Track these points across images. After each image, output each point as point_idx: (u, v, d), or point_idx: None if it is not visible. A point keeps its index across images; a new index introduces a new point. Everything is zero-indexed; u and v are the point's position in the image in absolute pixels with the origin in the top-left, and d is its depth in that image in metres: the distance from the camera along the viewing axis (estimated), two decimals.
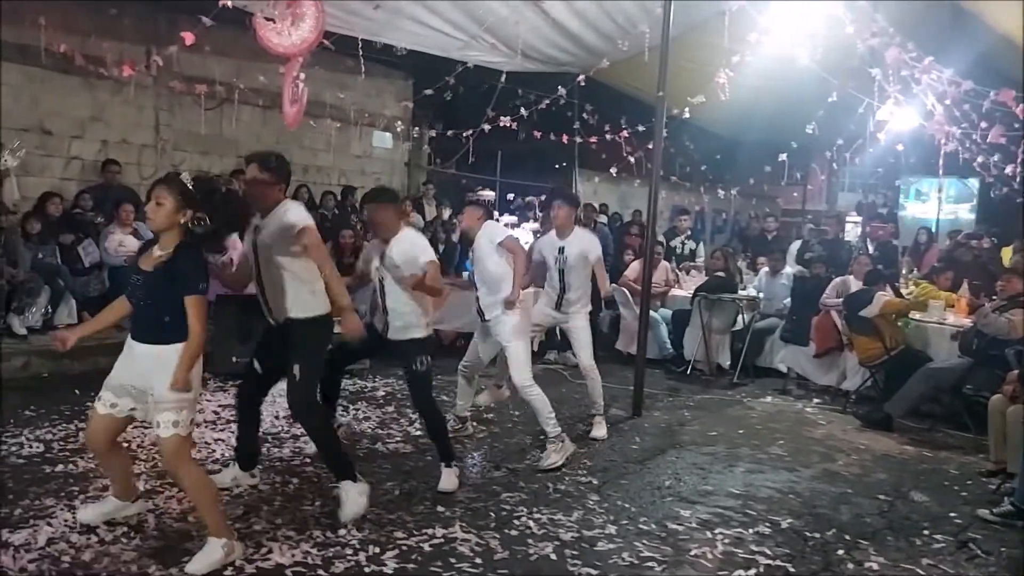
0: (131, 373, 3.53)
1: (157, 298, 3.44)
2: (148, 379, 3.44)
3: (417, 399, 4.81)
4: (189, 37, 6.01)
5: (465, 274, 9.54)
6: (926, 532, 4.46)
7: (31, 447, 4.95)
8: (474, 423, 6.07)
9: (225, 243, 3.95)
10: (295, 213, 4.09)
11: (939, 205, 15.21)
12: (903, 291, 8.27)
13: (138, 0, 8.90)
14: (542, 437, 5.33)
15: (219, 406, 6.11)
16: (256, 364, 4.38)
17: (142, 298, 3.49)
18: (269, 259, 4.07)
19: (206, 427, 5.58)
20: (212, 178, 3.84)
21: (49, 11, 7.72)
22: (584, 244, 5.87)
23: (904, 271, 10.13)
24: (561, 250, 5.82)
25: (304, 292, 4.09)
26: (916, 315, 7.45)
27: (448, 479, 4.65)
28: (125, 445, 3.97)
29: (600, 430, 5.97)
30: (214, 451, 5.10)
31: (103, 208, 8.34)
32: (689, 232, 10.88)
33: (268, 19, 6.09)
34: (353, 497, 4.04)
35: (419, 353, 4.67)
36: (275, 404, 6.15)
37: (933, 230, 13.03)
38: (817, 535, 4.32)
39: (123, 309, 3.68)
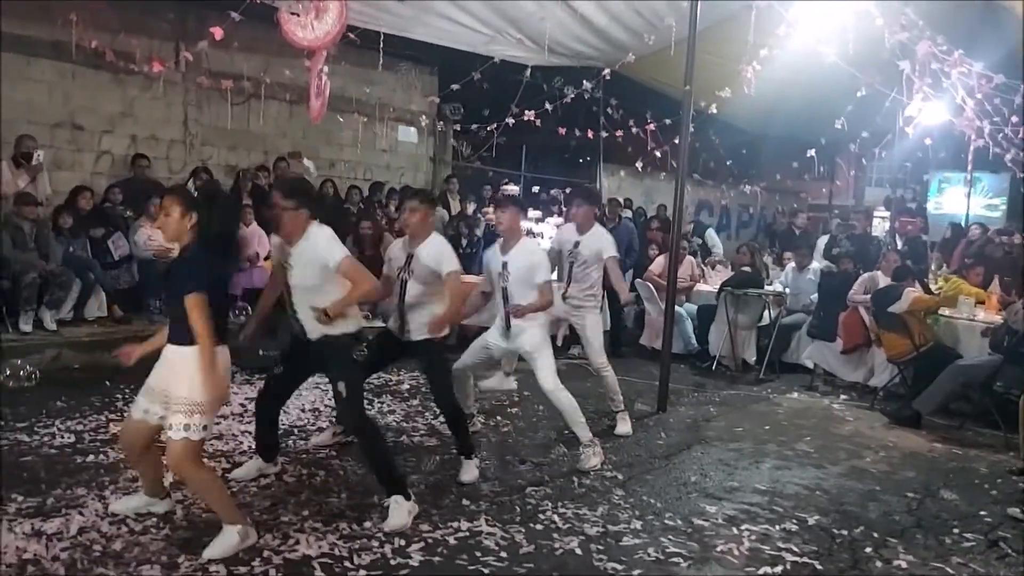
0: (158, 376, 3.61)
1: (169, 299, 3.58)
2: (167, 380, 3.53)
3: (437, 395, 4.87)
4: (218, 32, 6.07)
5: None
6: (956, 530, 4.41)
7: (63, 437, 5.02)
8: (498, 417, 6.09)
9: (241, 249, 3.99)
10: (326, 245, 4.03)
11: (969, 200, 14.99)
12: (932, 287, 8.18)
13: None
14: (567, 432, 5.33)
15: (246, 399, 6.15)
16: (281, 370, 4.43)
17: (165, 303, 3.60)
18: (303, 284, 4.06)
19: (233, 419, 5.63)
20: (215, 184, 3.89)
21: (81, 8, 7.81)
22: (601, 243, 5.86)
23: (933, 267, 10.01)
24: (576, 244, 5.84)
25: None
26: (946, 311, 7.37)
27: (468, 471, 4.71)
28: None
29: (624, 426, 5.95)
30: (241, 443, 5.14)
31: (132, 202, 8.43)
32: (692, 226, 10.80)
33: (293, 13, 6.13)
34: (402, 512, 4.02)
35: (437, 353, 4.75)
36: (300, 397, 6.23)
37: (963, 225, 12.85)
38: (845, 532, 4.29)
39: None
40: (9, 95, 8.24)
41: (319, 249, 4.01)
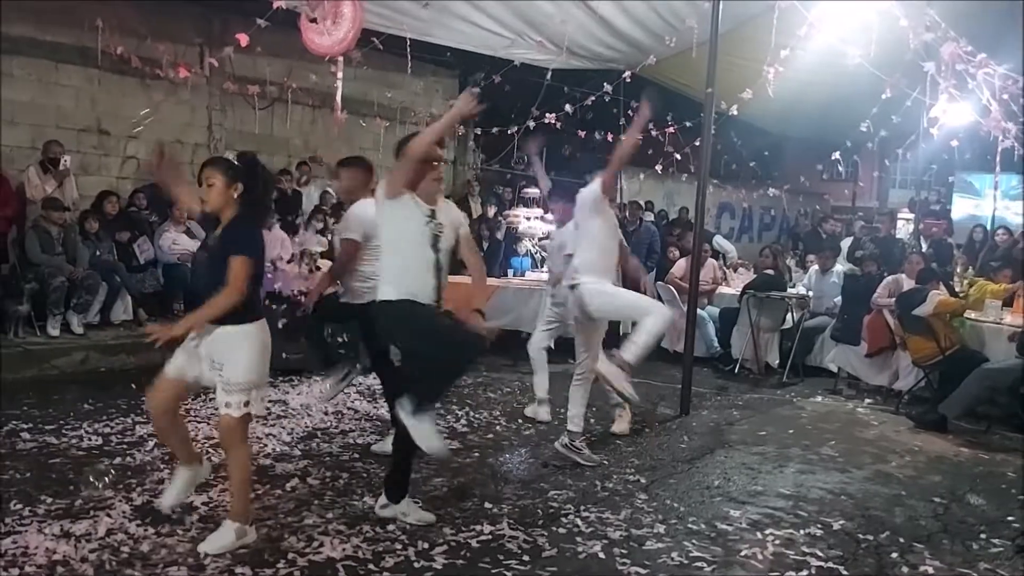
0: (207, 346, 3.58)
1: (218, 273, 3.47)
2: (223, 355, 3.54)
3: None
4: (244, 39, 6.12)
5: (511, 272, 9.60)
6: (983, 536, 4.36)
7: (90, 440, 5.08)
8: (519, 420, 6.09)
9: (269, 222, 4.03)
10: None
11: (994, 202, 14.83)
12: (956, 289, 8.10)
13: (193, 2, 9.08)
14: (589, 435, 5.32)
15: (269, 401, 6.20)
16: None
17: (207, 276, 3.56)
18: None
19: (257, 422, 5.66)
20: (252, 154, 3.90)
21: (106, 14, 7.91)
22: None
23: (959, 269, 9.91)
24: None
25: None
26: (972, 314, 7.30)
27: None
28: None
29: (620, 424, 5.92)
30: (265, 445, 5.17)
31: (157, 206, 8.53)
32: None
33: (312, 20, 6.18)
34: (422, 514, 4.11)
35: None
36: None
37: (988, 227, 12.72)
38: (870, 537, 4.25)
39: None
40: (38, 100, 8.39)
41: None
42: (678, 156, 10.35)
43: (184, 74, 7.40)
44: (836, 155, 9.66)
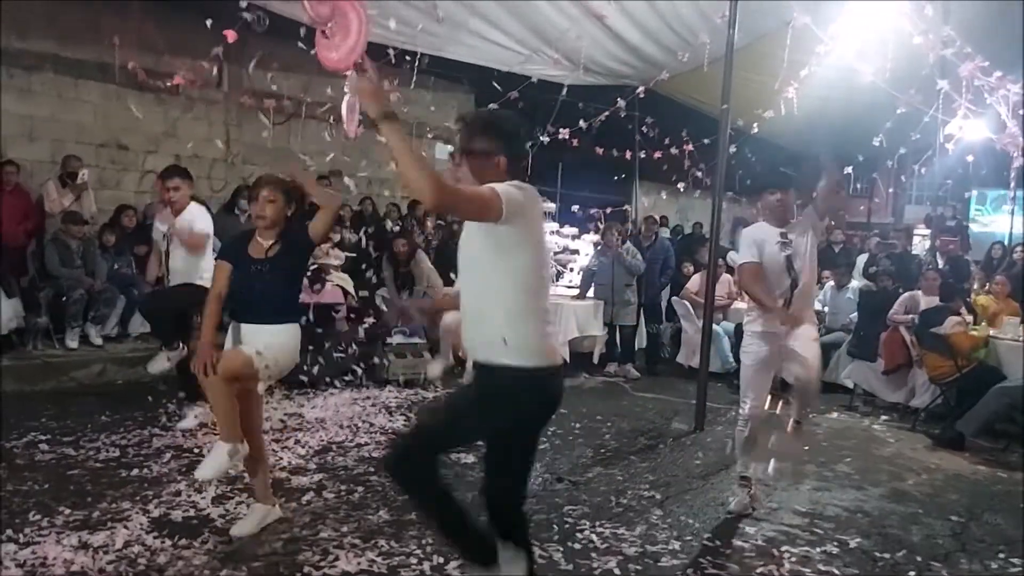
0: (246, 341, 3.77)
1: (277, 281, 3.80)
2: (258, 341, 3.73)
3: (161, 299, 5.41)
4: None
5: None
6: (1001, 555, 4.32)
7: (107, 451, 5.11)
8: None
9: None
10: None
11: (1012, 218, 14.73)
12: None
13: (209, 17, 9.16)
14: (603, 450, 5.30)
15: (285, 414, 6.23)
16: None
17: (261, 283, 3.77)
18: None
19: (272, 436, 5.69)
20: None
21: (124, 31, 8.01)
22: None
23: (975, 286, 9.85)
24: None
25: None
26: (991, 331, 7.25)
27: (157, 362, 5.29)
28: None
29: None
30: (281, 458, 5.18)
31: None
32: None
33: (323, 35, 6.20)
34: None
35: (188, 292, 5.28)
36: (338, 413, 6.29)
37: (1006, 244, 12.65)
38: (887, 556, 4.22)
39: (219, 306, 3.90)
40: (59, 116, 8.50)
41: None
42: (698, 173, 10.34)
43: (201, 89, 7.46)
44: (848, 169, 9.63)
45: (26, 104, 8.31)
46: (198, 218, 5.66)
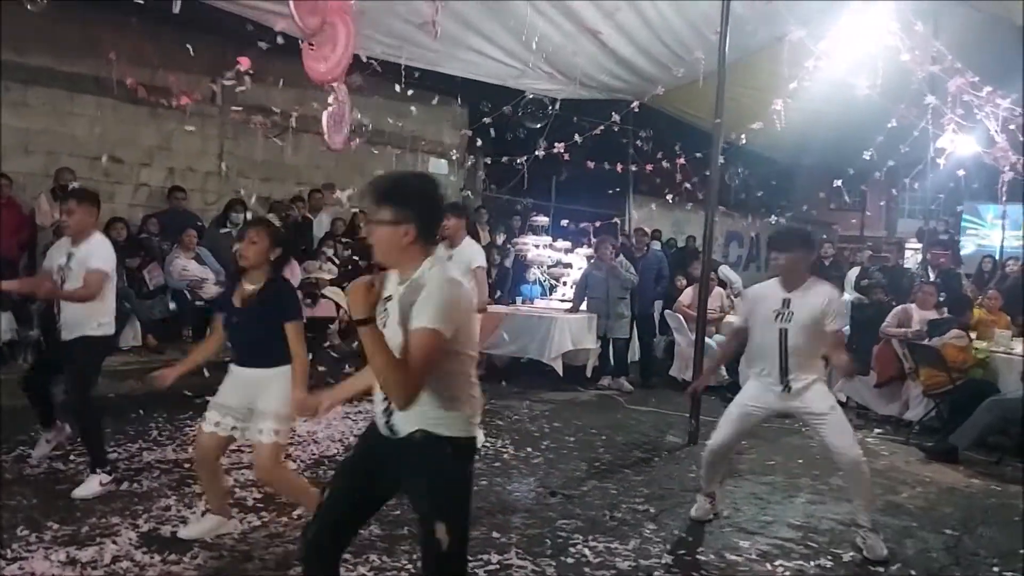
0: (235, 395, 3.86)
1: (257, 329, 3.80)
2: (252, 398, 3.82)
3: (73, 394, 4.80)
4: (245, 62, 6.19)
5: (520, 300, 9.62)
6: (995, 568, 4.32)
7: None
8: (528, 448, 6.06)
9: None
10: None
11: (1003, 232, 14.81)
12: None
13: (204, 32, 9.18)
14: (597, 464, 5.28)
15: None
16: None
17: (243, 331, 3.84)
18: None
19: None
20: (286, 208, 4.14)
21: (120, 44, 8.01)
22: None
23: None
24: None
25: None
26: (983, 344, 7.27)
27: (88, 485, 4.57)
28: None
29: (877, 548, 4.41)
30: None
31: (168, 233, 8.58)
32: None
33: (310, 47, 6.18)
34: None
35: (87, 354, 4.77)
36: (330, 427, 6.26)
37: (996, 257, 12.70)
38: (881, 570, 4.21)
39: (216, 343, 4.05)
40: (52, 129, 8.49)
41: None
42: (688, 186, 10.37)
43: (195, 103, 7.46)
44: (838, 183, 9.68)
45: (21, 117, 8.30)
46: (95, 253, 4.68)
